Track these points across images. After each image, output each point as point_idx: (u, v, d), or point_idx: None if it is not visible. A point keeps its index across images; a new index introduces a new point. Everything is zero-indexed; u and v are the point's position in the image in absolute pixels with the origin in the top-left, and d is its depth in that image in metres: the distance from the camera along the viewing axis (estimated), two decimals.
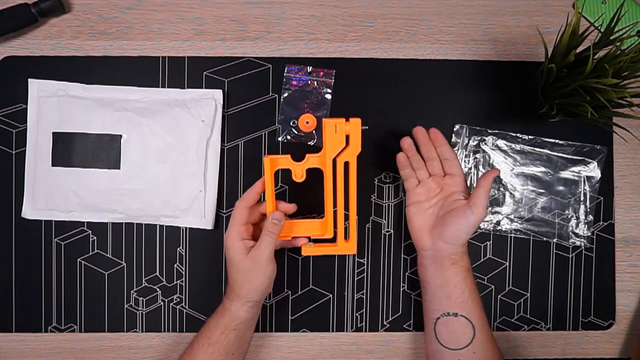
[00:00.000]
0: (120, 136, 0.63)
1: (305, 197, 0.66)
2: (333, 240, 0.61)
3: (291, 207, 0.60)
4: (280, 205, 0.60)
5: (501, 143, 0.67)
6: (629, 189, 0.68)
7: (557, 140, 0.67)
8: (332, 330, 0.67)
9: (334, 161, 0.57)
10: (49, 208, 0.64)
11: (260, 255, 0.56)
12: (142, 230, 0.66)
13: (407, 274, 0.67)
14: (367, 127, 0.57)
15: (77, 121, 0.63)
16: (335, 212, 0.59)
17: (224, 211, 0.66)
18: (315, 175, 0.60)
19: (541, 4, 0.68)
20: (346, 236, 0.61)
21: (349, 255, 0.67)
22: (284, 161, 0.59)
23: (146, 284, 0.66)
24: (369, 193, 0.67)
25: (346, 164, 0.58)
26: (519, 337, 0.68)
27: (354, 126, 0.56)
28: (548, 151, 0.68)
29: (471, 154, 0.67)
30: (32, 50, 0.66)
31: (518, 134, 0.67)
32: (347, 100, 0.67)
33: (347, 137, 0.57)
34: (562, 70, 0.58)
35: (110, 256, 0.66)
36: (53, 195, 0.64)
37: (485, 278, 0.67)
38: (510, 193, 0.68)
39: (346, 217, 0.60)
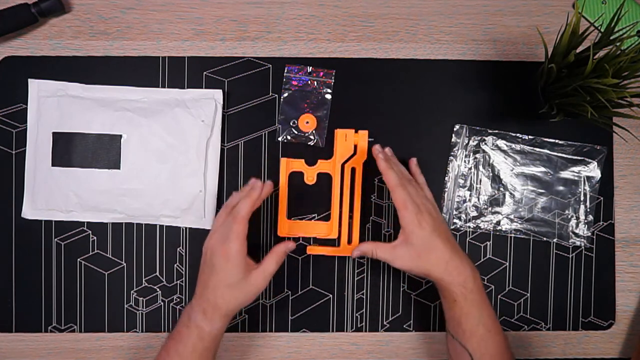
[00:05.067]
0: (120, 136, 0.62)
1: (307, 199, 0.67)
2: (337, 241, 0.65)
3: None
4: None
5: (501, 143, 0.67)
6: (629, 189, 0.68)
7: (557, 140, 0.67)
8: (332, 330, 0.67)
9: (342, 168, 0.64)
10: (49, 208, 0.64)
11: (263, 280, 0.54)
12: (142, 230, 0.66)
13: (407, 274, 0.67)
14: (372, 139, 0.65)
15: (77, 121, 0.63)
16: (340, 215, 0.64)
17: None
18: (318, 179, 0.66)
19: (541, 4, 0.68)
20: (349, 240, 0.65)
21: (348, 256, 0.67)
22: (299, 164, 0.66)
23: (146, 284, 0.66)
24: (369, 193, 0.67)
25: (353, 171, 0.64)
26: (519, 337, 0.68)
27: (362, 137, 0.64)
28: (548, 151, 0.68)
29: (471, 154, 0.67)
30: (32, 50, 0.66)
31: (518, 134, 0.67)
32: (347, 100, 0.67)
33: (355, 146, 0.64)
34: (562, 70, 0.58)
35: (110, 256, 0.66)
36: (53, 195, 0.64)
37: (485, 278, 0.67)
38: (510, 193, 0.68)
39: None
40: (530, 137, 0.67)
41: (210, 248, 0.55)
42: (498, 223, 0.67)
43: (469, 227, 0.67)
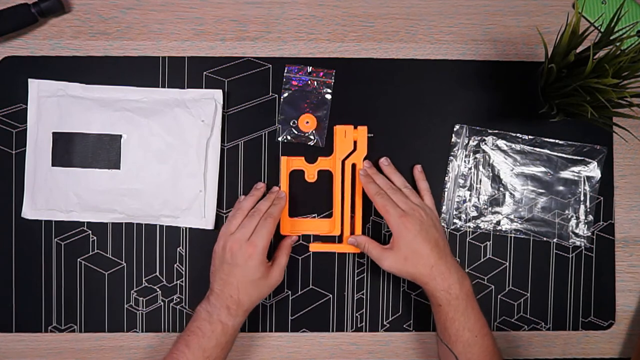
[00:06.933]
0: (120, 136, 0.63)
1: (308, 197, 0.67)
2: (339, 238, 0.66)
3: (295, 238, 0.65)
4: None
5: (501, 143, 0.67)
6: (629, 189, 0.68)
7: (557, 140, 0.67)
8: (332, 330, 0.67)
9: (343, 164, 0.64)
10: (49, 208, 0.64)
11: (280, 274, 0.59)
12: (142, 230, 0.66)
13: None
14: (372, 135, 0.65)
15: (77, 121, 0.63)
16: (342, 211, 0.64)
17: (224, 211, 0.66)
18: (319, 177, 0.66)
19: (541, 4, 0.68)
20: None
21: (348, 255, 0.67)
22: (299, 162, 0.66)
23: (146, 284, 0.66)
24: None
25: (353, 167, 0.64)
26: (519, 337, 0.68)
27: (361, 133, 0.64)
28: (548, 151, 0.68)
29: (471, 154, 0.67)
30: (32, 50, 0.66)
31: (518, 134, 0.67)
32: (347, 100, 0.67)
33: (355, 142, 0.64)
34: (562, 70, 0.58)
35: (110, 256, 0.66)
36: (53, 195, 0.64)
37: (485, 278, 0.67)
38: (510, 193, 0.68)
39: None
40: (530, 137, 0.67)
41: (231, 247, 0.57)
42: (498, 223, 0.67)
43: (469, 227, 0.67)
